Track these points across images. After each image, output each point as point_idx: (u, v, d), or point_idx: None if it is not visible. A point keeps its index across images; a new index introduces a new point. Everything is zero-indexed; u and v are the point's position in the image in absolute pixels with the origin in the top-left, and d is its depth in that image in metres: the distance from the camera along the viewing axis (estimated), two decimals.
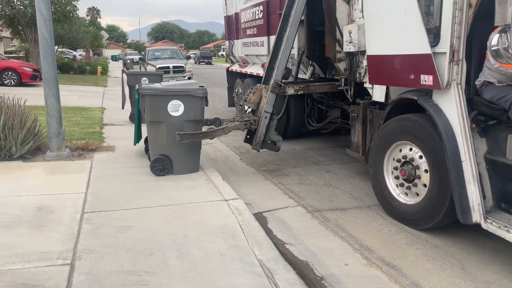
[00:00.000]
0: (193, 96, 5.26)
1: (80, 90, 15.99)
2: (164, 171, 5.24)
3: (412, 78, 3.71)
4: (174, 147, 5.22)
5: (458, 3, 3.28)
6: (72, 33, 26.03)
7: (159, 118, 5.20)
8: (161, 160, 5.24)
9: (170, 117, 5.20)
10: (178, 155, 5.28)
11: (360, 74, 5.34)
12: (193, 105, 5.28)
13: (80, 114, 9.97)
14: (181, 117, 5.23)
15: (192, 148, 5.38)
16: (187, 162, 5.37)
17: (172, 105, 5.19)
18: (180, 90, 5.27)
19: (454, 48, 3.34)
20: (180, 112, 5.22)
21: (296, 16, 5.67)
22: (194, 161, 5.47)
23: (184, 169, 5.33)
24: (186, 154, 5.33)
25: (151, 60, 20.17)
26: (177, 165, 5.29)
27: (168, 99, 5.18)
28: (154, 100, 5.20)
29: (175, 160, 5.28)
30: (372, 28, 4.32)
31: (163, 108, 5.17)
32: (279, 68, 5.67)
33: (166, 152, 5.27)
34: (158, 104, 5.18)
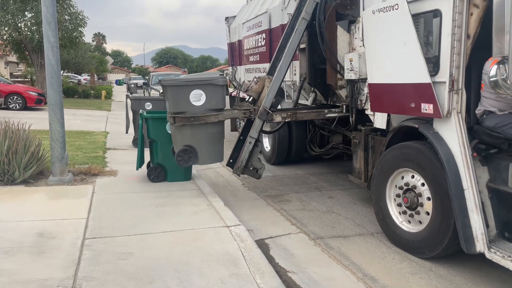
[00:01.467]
0: (214, 84, 5.28)
1: (84, 114, 16.14)
2: (188, 161, 5.31)
3: (412, 106, 3.75)
4: (199, 138, 5.29)
5: (457, 34, 3.35)
6: (78, 58, 26.51)
7: (181, 108, 5.21)
8: (187, 151, 5.27)
9: (193, 107, 5.22)
10: (203, 146, 5.35)
11: (361, 101, 5.39)
12: (215, 94, 5.30)
13: (84, 138, 10.04)
14: (203, 106, 5.25)
15: (216, 137, 5.46)
16: (210, 152, 5.45)
17: (194, 95, 5.21)
18: (201, 79, 5.32)
19: (453, 77, 3.40)
20: (202, 101, 5.24)
21: (291, 48, 5.74)
22: (218, 151, 5.55)
23: (207, 159, 5.48)
24: (211, 144, 5.42)
25: (155, 84, 20.40)
26: (201, 155, 5.35)
27: (190, 89, 5.20)
28: (176, 90, 5.22)
29: (199, 150, 5.33)
30: (372, 57, 4.40)
31: (185, 98, 5.19)
32: (269, 95, 5.68)
33: (191, 142, 5.30)
34: (180, 94, 5.20)
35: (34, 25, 19.14)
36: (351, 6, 5.76)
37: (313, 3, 5.76)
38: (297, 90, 7.02)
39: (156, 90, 18.95)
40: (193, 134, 5.32)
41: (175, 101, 5.24)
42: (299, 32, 5.82)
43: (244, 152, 5.64)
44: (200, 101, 5.24)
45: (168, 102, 5.35)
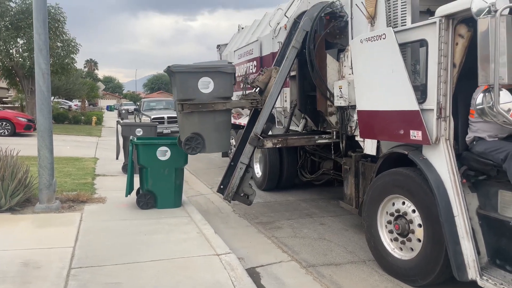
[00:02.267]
0: (222, 72, 5.28)
1: (74, 140, 16.03)
2: (196, 149, 5.33)
3: (402, 133, 3.80)
4: (206, 126, 5.31)
5: (443, 63, 3.44)
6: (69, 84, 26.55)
7: (189, 95, 5.18)
8: (194, 138, 5.27)
9: (201, 95, 5.20)
10: (210, 134, 5.38)
11: (351, 127, 5.44)
12: (223, 82, 5.29)
13: (73, 164, 9.93)
14: (211, 94, 5.24)
15: (223, 126, 5.49)
16: (218, 140, 5.49)
17: (202, 82, 5.20)
18: (210, 66, 5.32)
19: (441, 105, 3.46)
20: (210, 89, 5.23)
21: (282, 75, 5.82)
22: (224, 140, 5.61)
23: (215, 147, 5.53)
24: (218, 132, 5.45)
25: (146, 110, 20.45)
26: (208, 143, 5.38)
27: (198, 76, 5.20)
28: (184, 77, 5.20)
29: (207, 138, 5.33)
30: (361, 84, 4.47)
31: (193, 85, 5.18)
32: (260, 121, 5.70)
33: (198, 130, 5.30)
34: (188, 81, 5.19)
35: (26, 51, 19.22)
36: (340, 35, 5.90)
37: (303, 32, 5.89)
38: (288, 116, 7.08)
39: (147, 116, 18.97)
40: (200, 122, 5.32)
41: (183, 88, 5.22)
42: (289, 60, 5.91)
43: (235, 178, 5.62)
44: (208, 89, 5.24)
45: (176, 89, 5.32)
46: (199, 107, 5.26)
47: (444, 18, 3.42)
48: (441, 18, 3.44)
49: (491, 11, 2.70)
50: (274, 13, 8.58)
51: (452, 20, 3.42)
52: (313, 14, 5.90)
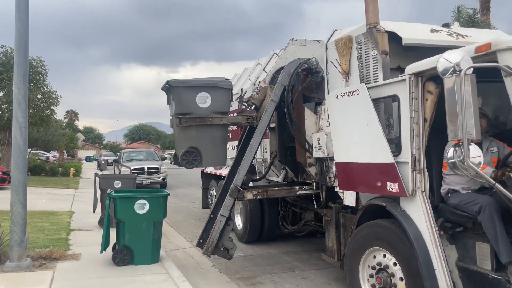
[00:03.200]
0: (220, 88, 5.41)
1: (49, 193, 15.59)
2: (193, 163, 5.42)
3: (379, 185, 3.85)
4: (204, 140, 5.42)
5: (414, 117, 3.58)
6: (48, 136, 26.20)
7: (187, 109, 5.26)
8: (191, 152, 5.33)
9: (199, 109, 5.27)
10: (207, 148, 5.45)
11: (330, 178, 5.49)
12: (220, 97, 5.42)
13: (47, 218, 9.59)
14: (209, 108, 5.33)
15: (219, 141, 5.62)
16: (214, 154, 5.57)
17: (200, 97, 5.29)
18: (208, 82, 5.44)
19: (415, 158, 3.56)
20: (208, 104, 5.33)
21: (262, 127, 5.92)
22: (221, 154, 5.73)
23: (211, 161, 5.68)
24: (215, 147, 5.54)
25: (126, 161, 20.23)
26: (205, 157, 5.45)
27: (196, 90, 5.29)
28: (183, 91, 5.33)
29: (204, 152, 5.42)
30: (338, 137, 4.58)
31: (191, 100, 5.28)
32: (240, 173, 5.72)
33: (196, 144, 5.38)
34: (186, 95, 5.29)
35: (5, 103, 19.08)
36: (316, 89, 6.11)
37: (281, 86, 6.07)
38: (267, 167, 7.12)
39: (126, 167, 18.73)
40: (198, 136, 5.38)
41: (181, 102, 5.32)
42: (268, 113, 6.04)
43: (215, 231, 5.51)
44: (206, 103, 5.35)
45: (174, 103, 5.38)
46: (196, 121, 5.36)
47: (413, 75, 3.61)
48: (410, 75, 3.62)
49: (456, 71, 2.87)
50: (253, 68, 8.86)
51: (421, 78, 3.61)
52: (290, 69, 6.13)
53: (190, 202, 13.79)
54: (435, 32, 4.58)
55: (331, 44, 5.18)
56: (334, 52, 5.08)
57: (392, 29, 4.34)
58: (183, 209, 12.48)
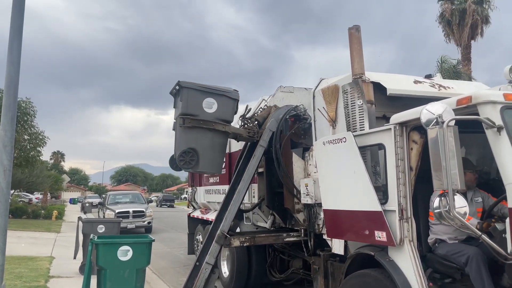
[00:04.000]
0: (227, 97, 5.60)
1: (30, 237, 15.09)
2: (190, 164, 5.46)
3: (367, 233, 3.82)
4: (203, 143, 5.52)
5: (400, 166, 3.62)
6: (32, 177, 25.69)
7: (192, 111, 5.44)
8: (189, 153, 5.41)
9: (203, 113, 5.45)
10: (206, 152, 5.54)
11: (318, 225, 5.44)
12: (226, 105, 5.62)
13: (26, 264, 9.22)
14: (214, 114, 5.52)
15: (218, 148, 5.74)
16: (212, 160, 5.65)
17: (207, 102, 5.45)
18: (216, 89, 5.63)
19: (402, 206, 3.57)
20: (213, 110, 5.49)
21: (250, 172, 5.93)
22: (218, 161, 5.81)
23: (208, 166, 5.67)
24: (214, 152, 5.63)
25: (111, 204, 19.84)
26: (202, 161, 5.51)
27: (204, 95, 5.50)
28: (192, 93, 5.49)
29: (202, 155, 5.49)
30: (326, 184, 4.59)
31: (198, 103, 5.48)
32: (227, 219, 5.65)
33: (195, 146, 5.46)
34: (194, 98, 5.50)
35: None
36: (304, 135, 6.19)
37: (269, 132, 6.14)
38: (256, 213, 7.04)
39: (111, 211, 18.35)
40: (198, 138, 5.46)
41: (188, 103, 5.45)
42: (257, 158, 6.07)
43: (200, 280, 5.34)
44: (212, 109, 5.50)
45: (181, 104, 5.49)
46: (200, 123, 5.47)
47: (398, 125, 3.70)
48: (395, 125, 3.71)
49: (439, 122, 2.95)
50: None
51: (406, 127, 3.70)
52: (279, 115, 6.23)
53: (176, 248, 13.45)
54: (418, 83, 4.75)
55: (318, 92, 5.31)
56: (321, 100, 5.20)
57: (377, 80, 4.49)
58: (167, 255, 12.15)
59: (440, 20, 21.64)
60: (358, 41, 4.59)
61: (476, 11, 20.45)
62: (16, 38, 4.87)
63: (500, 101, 3.09)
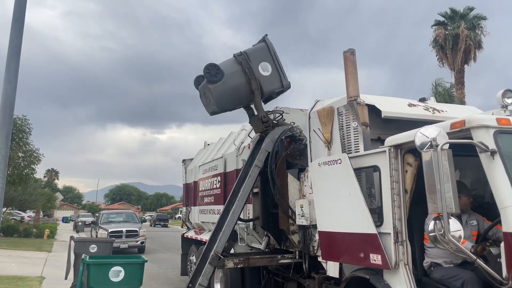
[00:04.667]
0: (280, 78, 6.14)
1: (21, 256, 14.81)
2: (215, 77, 5.87)
3: (362, 256, 3.79)
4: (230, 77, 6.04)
5: (395, 188, 3.63)
6: (25, 195, 25.42)
7: (253, 59, 6.00)
8: (215, 67, 5.87)
9: (255, 67, 6.08)
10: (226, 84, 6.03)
11: (313, 247, 5.39)
12: (273, 81, 6.08)
13: (15, 284, 9.03)
14: (259, 76, 6.06)
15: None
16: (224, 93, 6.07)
17: (265, 65, 6.10)
18: (280, 67, 6.19)
19: (397, 229, 3.55)
20: (263, 73, 6.07)
21: (245, 192, 5.92)
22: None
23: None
24: (231, 89, 6.08)
25: (104, 223, 19.59)
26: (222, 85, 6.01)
27: (270, 60, 6.14)
28: (264, 49, 6.27)
29: (223, 82, 5.95)
30: (321, 205, 4.58)
31: (261, 58, 6.09)
32: (221, 239, 5.61)
33: (226, 72, 5.99)
34: (262, 53, 6.16)
35: None
36: (300, 156, 6.20)
37: (265, 152, 6.15)
38: (251, 234, 6.98)
39: (104, 230, 18.11)
40: (234, 72, 5.99)
41: (256, 51, 6.13)
42: (252, 178, 6.06)
43: None
44: (263, 72, 6.05)
45: (253, 47, 6.14)
46: (247, 65, 6.01)
47: (393, 147, 3.72)
48: (390, 147, 3.73)
49: (433, 145, 2.97)
50: (238, 133, 9.02)
51: (400, 150, 3.72)
52: (274, 136, 6.25)
53: (169, 269, 13.25)
54: (413, 106, 4.80)
55: (313, 113, 5.35)
56: (316, 121, 5.24)
57: (371, 102, 4.54)
58: (160, 276, 11.95)
59: (434, 45, 22.05)
60: (353, 64, 4.65)
61: (469, 36, 20.88)
62: (14, 58, 4.91)
63: (493, 125, 3.12)
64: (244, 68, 6.06)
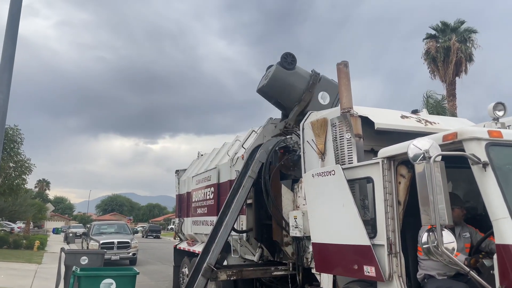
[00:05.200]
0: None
1: (10, 268, 14.55)
2: (291, 64, 6.57)
3: (356, 268, 3.78)
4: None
5: (389, 200, 3.63)
6: (16, 206, 25.08)
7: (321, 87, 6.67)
8: (292, 58, 6.59)
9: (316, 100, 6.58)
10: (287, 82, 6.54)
11: (307, 259, 5.37)
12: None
13: None
14: (318, 101, 6.61)
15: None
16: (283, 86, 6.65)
17: (325, 95, 6.63)
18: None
19: (390, 241, 3.55)
20: (322, 101, 6.55)
21: (238, 203, 5.91)
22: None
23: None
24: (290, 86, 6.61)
25: (96, 235, 19.35)
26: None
27: (332, 93, 6.62)
28: (331, 84, 6.63)
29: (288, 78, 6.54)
30: (315, 217, 4.56)
31: (325, 89, 6.60)
32: (214, 251, 5.58)
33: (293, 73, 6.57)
34: (331, 88, 6.52)
35: None
36: (293, 167, 6.20)
37: (259, 163, 6.15)
38: (244, 245, 6.93)
39: (95, 241, 17.89)
40: (300, 78, 6.55)
41: (327, 85, 6.64)
42: (245, 189, 6.04)
43: None
44: (322, 100, 6.59)
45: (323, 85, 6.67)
46: (308, 85, 6.58)
47: (386, 159, 3.73)
48: (383, 159, 3.74)
49: (426, 157, 2.99)
50: (232, 144, 9.01)
51: (393, 161, 3.73)
52: (268, 147, 6.26)
53: (160, 281, 13.09)
54: (405, 118, 4.84)
55: (307, 124, 5.37)
56: (310, 132, 5.25)
57: (365, 114, 4.56)
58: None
59: (426, 57, 22.33)
60: (346, 76, 4.69)
61: (460, 49, 21.17)
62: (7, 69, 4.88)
63: (485, 137, 3.15)
64: (310, 81, 6.57)
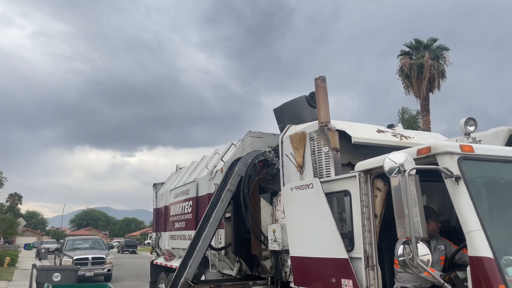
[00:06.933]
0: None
1: None
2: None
3: (333, 282, 3.79)
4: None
5: (365, 213, 3.68)
6: None
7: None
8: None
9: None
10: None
11: (286, 273, 5.35)
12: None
13: None
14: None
15: None
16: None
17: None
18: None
19: (367, 254, 3.59)
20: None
21: (217, 217, 5.89)
22: None
23: None
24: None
25: (69, 250, 18.78)
26: None
27: None
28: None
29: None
30: (293, 230, 4.57)
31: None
32: (192, 266, 5.54)
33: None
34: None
35: None
36: (272, 180, 6.22)
37: (238, 176, 6.15)
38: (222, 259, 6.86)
39: (69, 257, 17.37)
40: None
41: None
42: (224, 203, 6.02)
43: None
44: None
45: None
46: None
47: (362, 172, 3.80)
48: (360, 172, 3.81)
49: (401, 171, 3.05)
50: (211, 157, 8.97)
51: (370, 175, 3.80)
52: (247, 160, 6.27)
53: None
54: (381, 133, 4.94)
55: (286, 138, 5.42)
56: (289, 145, 5.29)
57: (342, 128, 4.64)
58: None
59: (400, 73, 22.93)
60: (324, 91, 4.77)
61: (433, 66, 21.84)
62: None
63: (457, 152, 3.25)
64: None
